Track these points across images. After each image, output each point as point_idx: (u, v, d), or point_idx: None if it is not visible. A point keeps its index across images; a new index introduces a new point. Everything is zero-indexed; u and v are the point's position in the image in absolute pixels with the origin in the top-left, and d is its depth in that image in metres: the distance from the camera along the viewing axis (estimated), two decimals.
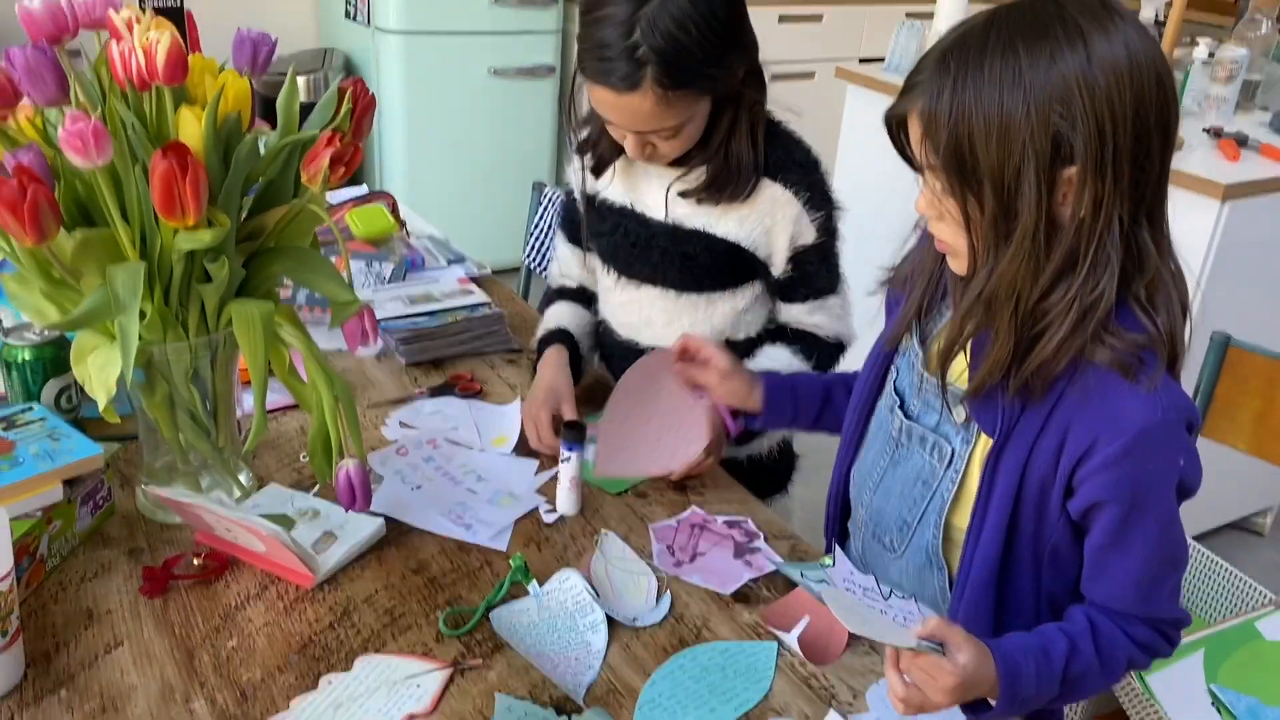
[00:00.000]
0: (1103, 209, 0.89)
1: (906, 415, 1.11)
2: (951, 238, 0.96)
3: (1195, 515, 2.17)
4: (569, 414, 1.41)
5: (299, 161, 1.12)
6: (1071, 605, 1.05)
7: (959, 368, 1.05)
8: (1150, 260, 0.94)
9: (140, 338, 1.12)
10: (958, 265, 0.99)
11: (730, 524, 1.32)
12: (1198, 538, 1.89)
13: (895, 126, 0.99)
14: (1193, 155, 2.46)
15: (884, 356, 1.17)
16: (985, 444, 1.04)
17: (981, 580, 1.06)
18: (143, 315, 1.08)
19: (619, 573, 1.20)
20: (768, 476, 1.55)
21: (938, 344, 1.03)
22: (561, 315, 1.57)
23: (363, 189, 2.25)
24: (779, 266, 1.45)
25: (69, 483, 1.18)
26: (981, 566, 1.05)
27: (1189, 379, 1.17)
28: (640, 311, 1.52)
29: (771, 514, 1.35)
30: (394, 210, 2.06)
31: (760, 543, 1.28)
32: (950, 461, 1.07)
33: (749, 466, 1.54)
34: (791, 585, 1.21)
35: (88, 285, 1.05)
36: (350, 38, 3.81)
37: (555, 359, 1.47)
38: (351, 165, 1.10)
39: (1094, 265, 0.90)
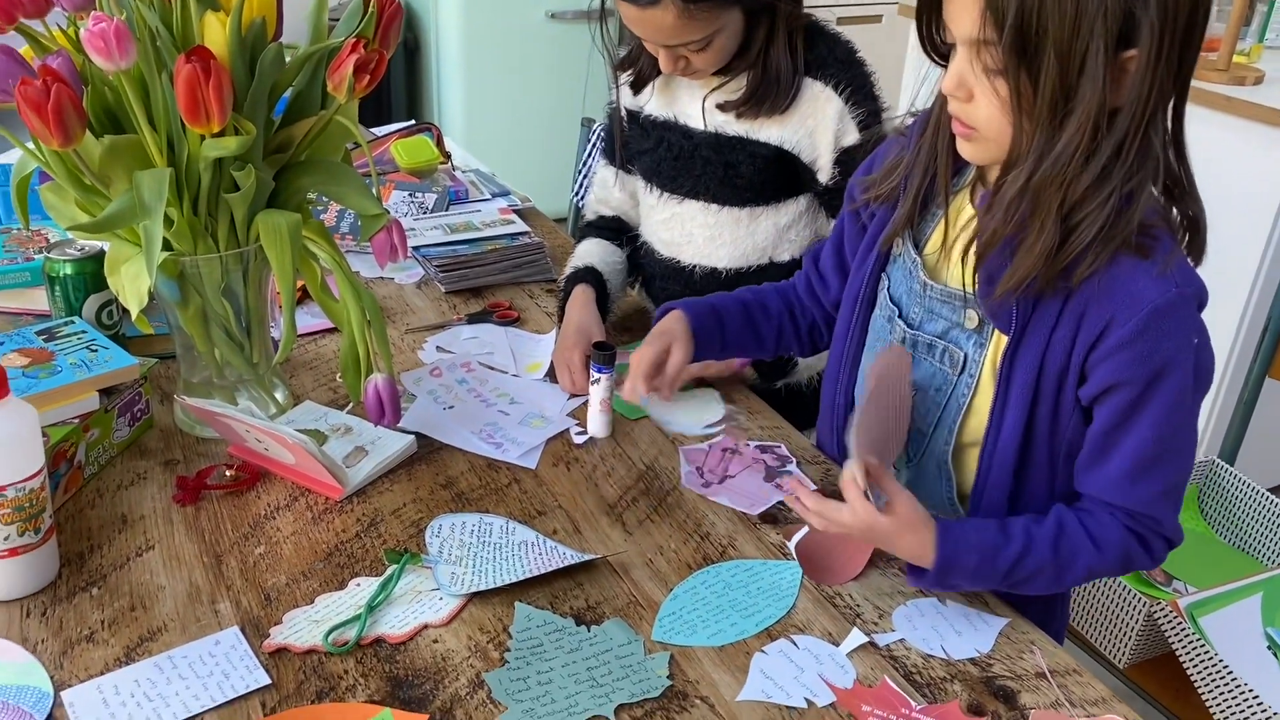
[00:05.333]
0: (1153, 96, 0.86)
1: (907, 324, 1.09)
2: (985, 121, 0.92)
3: (1267, 468, 2.10)
4: None
5: (326, 73, 1.11)
6: (1057, 503, 1.03)
7: (957, 270, 1.02)
8: (1171, 153, 0.92)
9: (171, 248, 1.14)
10: (979, 151, 0.95)
11: (762, 449, 1.29)
12: (1272, 489, 1.83)
13: (928, 9, 0.95)
14: (1273, 89, 2.36)
15: (872, 268, 1.14)
16: (999, 345, 1.01)
17: (998, 485, 1.03)
18: (171, 222, 1.09)
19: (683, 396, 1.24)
20: (805, 406, 1.52)
21: (939, 242, 1.02)
22: (590, 253, 1.56)
23: (410, 123, 2.25)
24: (825, 171, 1.42)
25: (106, 393, 1.20)
26: (1000, 471, 1.03)
27: (1258, 317, 1.12)
28: (682, 228, 1.50)
29: (805, 440, 1.33)
30: (439, 142, 2.06)
31: (792, 466, 1.26)
32: (964, 367, 1.04)
33: (786, 396, 1.51)
34: None
35: (117, 193, 1.06)
36: None
37: (582, 298, 1.46)
38: (376, 74, 1.09)
39: (1140, 155, 0.88)
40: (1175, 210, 0.95)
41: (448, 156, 2.06)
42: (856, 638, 1.00)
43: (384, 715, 0.89)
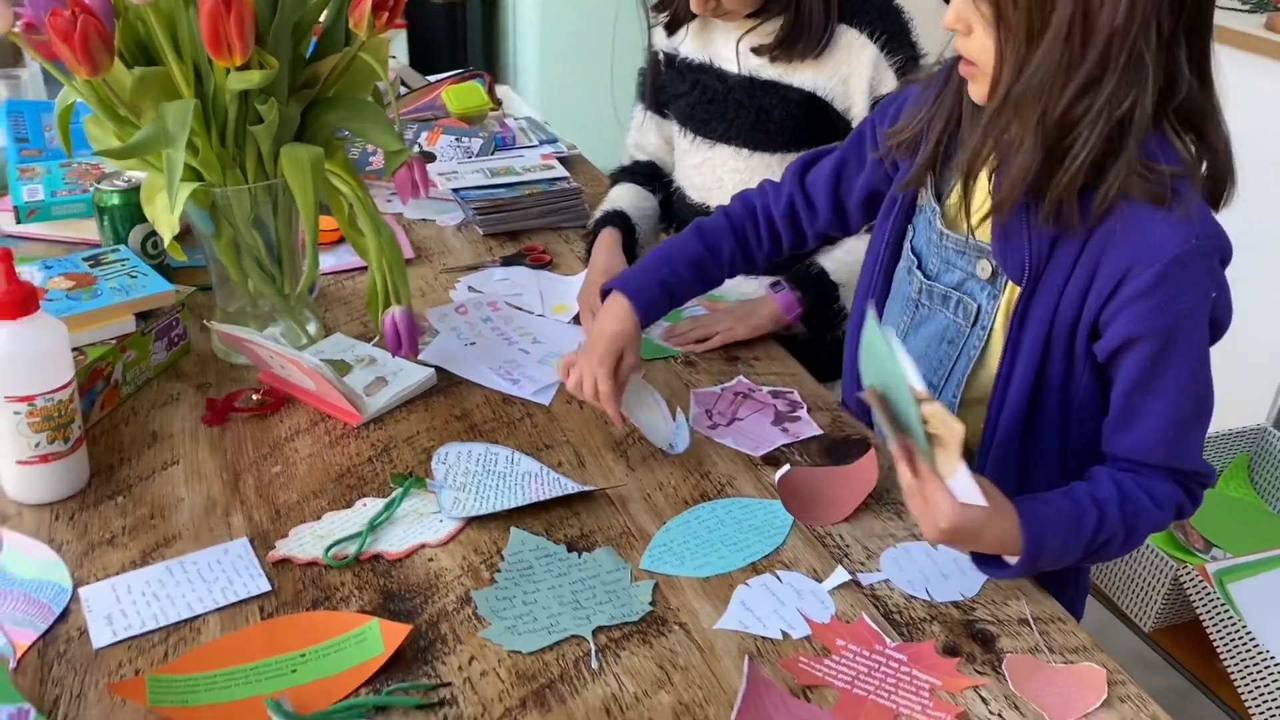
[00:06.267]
0: (1139, 12, 0.84)
1: (925, 275, 1.08)
2: (979, 51, 0.91)
3: None
4: None
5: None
6: (1095, 466, 1.00)
7: (974, 218, 1.01)
8: (1183, 82, 0.88)
9: (202, 179, 1.19)
10: (979, 90, 0.94)
11: (775, 394, 1.30)
12: None
13: None
14: None
15: (897, 217, 1.13)
16: (1011, 297, 1.00)
17: (1006, 439, 1.02)
18: (196, 150, 1.13)
19: (635, 410, 1.20)
20: (831, 359, 1.52)
21: (960, 193, 1.00)
22: (621, 197, 1.57)
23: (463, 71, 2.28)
24: (859, 119, 1.41)
25: (144, 317, 1.26)
26: (1008, 424, 1.02)
27: None
28: (713, 172, 1.51)
29: (819, 388, 1.33)
30: (490, 90, 2.09)
31: (802, 413, 1.27)
32: (977, 319, 1.03)
33: (805, 346, 1.51)
34: (824, 452, 1.19)
35: (147, 123, 1.11)
36: None
37: (609, 241, 1.48)
38: (395, 11, 1.12)
39: (1126, 73, 0.85)
40: (1196, 152, 0.92)
41: (498, 103, 2.09)
42: (840, 575, 1.01)
43: (371, 625, 0.93)
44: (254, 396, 1.25)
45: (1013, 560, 0.95)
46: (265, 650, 0.91)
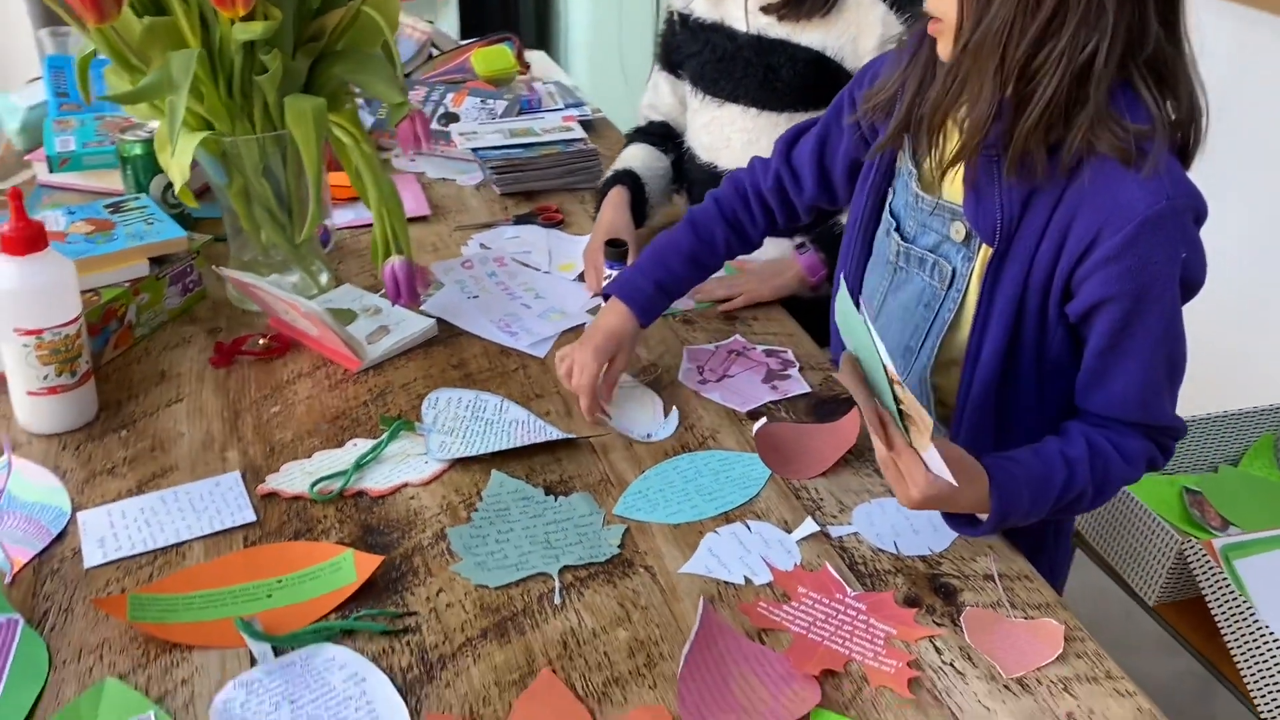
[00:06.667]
0: None
1: (902, 238, 1.08)
2: (945, 6, 0.92)
3: None
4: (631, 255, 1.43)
5: None
6: (1068, 421, 1.01)
7: (955, 185, 1.01)
8: (1152, 33, 0.88)
9: (213, 128, 1.23)
10: (946, 46, 0.94)
11: (769, 353, 1.31)
12: None
13: None
14: None
15: (876, 181, 1.13)
16: (985, 260, 1.00)
17: (981, 400, 1.02)
18: (203, 98, 1.17)
19: (624, 394, 1.22)
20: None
21: (930, 160, 1.00)
22: (634, 156, 1.58)
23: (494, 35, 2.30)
24: None
25: (158, 262, 1.31)
26: (981, 385, 1.02)
27: None
28: (721, 131, 1.52)
29: (815, 348, 1.34)
30: (519, 54, 2.11)
31: (794, 371, 1.28)
32: (952, 281, 1.03)
33: (807, 307, 1.51)
34: (811, 410, 1.20)
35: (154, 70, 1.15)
36: None
37: (616, 200, 1.49)
38: None
39: (1085, 20, 0.85)
40: (1169, 106, 0.92)
41: (526, 67, 2.11)
42: (809, 526, 1.03)
43: (346, 555, 0.96)
44: (260, 341, 1.29)
45: (983, 518, 0.95)
46: (244, 576, 0.95)
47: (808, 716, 0.83)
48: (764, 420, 1.11)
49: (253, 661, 0.86)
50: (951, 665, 0.89)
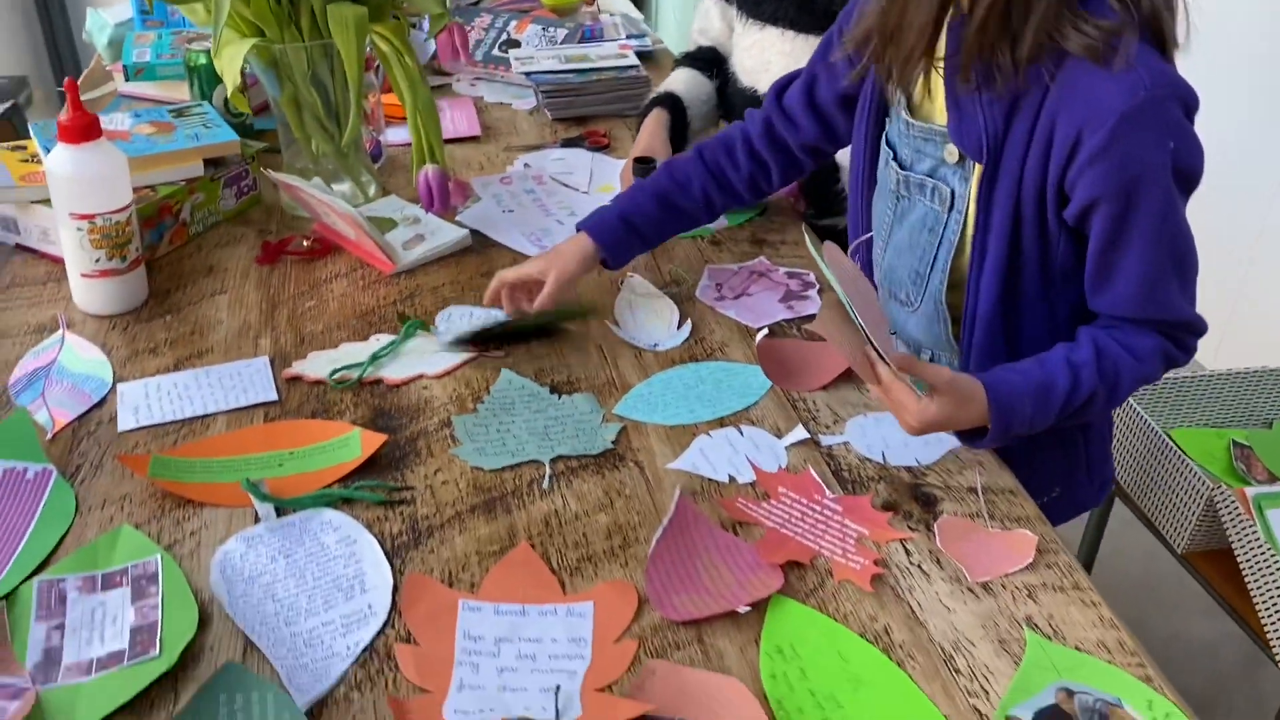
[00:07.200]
0: None
1: (900, 166, 1.08)
2: None
3: None
4: None
5: None
6: (1080, 326, 1.01)
7: (939, 103, 1.01)
8: None
9: (263, 35, 1.29)
10: None
11: (791, 274, 1.33)
12: None
13: None
14: None
15: (871, 113, 1.12)
16: (980, 178, 1.00)
17: (988, 316, 1.03)
18: (250, 2, 1.23)
19: (641, 304, 1.25)
20: None
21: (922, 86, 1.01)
22: (678, 80, 1.60)
23: None
24: None
25: (214, 165, 1.38)
26: (987, 301, 1.02)
27: None
28: (761, 54, 1.52)
29: None
30: None
31: (813, 293, 1.29)
32: (952, 204, 1.03)
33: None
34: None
35: None
36: None
37: (655, 122, 1.51)
38: None
39: None
40: (1130, 6, 0.90)
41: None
42: (799, 433, 1.05)
43: (354, 433, 1.02)
44: (304, 242, 1.36)
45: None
46: (259, 447, 1.02)
47: (767, 601, 0.86)
48: (765, 330, 1.13)
49: (257, 521, 0.93)
50: (919, 567, 0.90)
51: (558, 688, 0.78)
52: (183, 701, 0.76)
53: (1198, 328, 1.00)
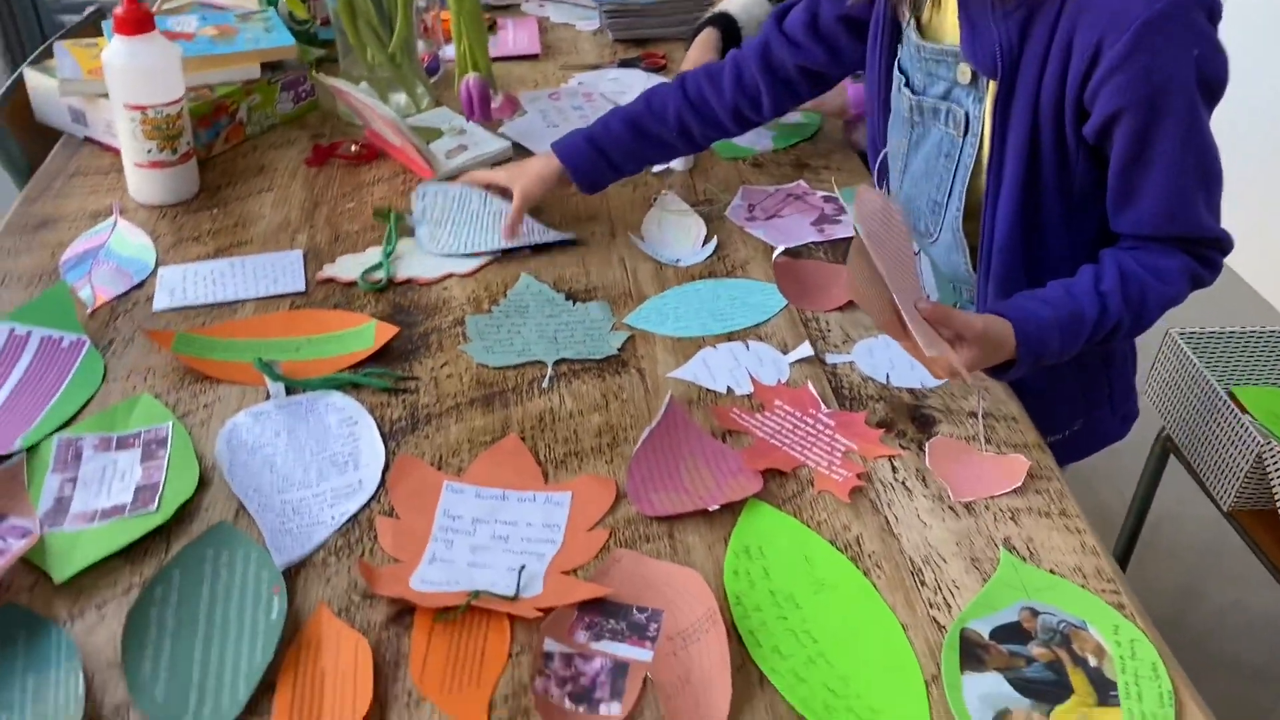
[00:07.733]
0: None
1: (913, 91, 1.05)
2: None
3: None
4: None
5: None
6: (1103, 249, 0.97)
7: (950, 23, 0.98)
8: None
9: None
10: None
11: (827, 198, 1.32)
12: None
13: None
14: None
15: (883, 41, 1.09)
16: (994, 96, 0.97)
17: (1006, 244, 1.00)
18: None
19: (670, 220, 1.25)
20: None
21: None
22: (734, 1, 1.58)
23: None
24: None
25: (272, 68, 1.43)
26: (1005, 225, 0.99)
27: None
28: None
29: None
30: None
31: (845, 218, 1.28)
32: (968, 127, 1.00)
33: None
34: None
35: None
36: None
37: (705, 41, 1.50)
38: None
39: None
40: None
41: None
42: (804, 350, 1.05)
43: (369, 325, 1.06)
44: (353, 147, 1.40)
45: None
46: (279, 332, 1.06)
47: (743, 504, 0.87)
48: (781, 249, 1.12)
49: (268, 399, 0.97)
50: (903, 484, 0.90)
51: (522, 567, 0.81)
52: (174, 553, 0.81)
53: (1224, 244, 0.96)
